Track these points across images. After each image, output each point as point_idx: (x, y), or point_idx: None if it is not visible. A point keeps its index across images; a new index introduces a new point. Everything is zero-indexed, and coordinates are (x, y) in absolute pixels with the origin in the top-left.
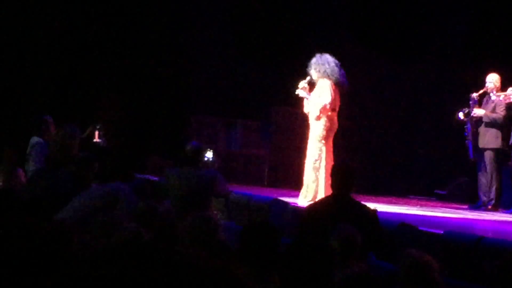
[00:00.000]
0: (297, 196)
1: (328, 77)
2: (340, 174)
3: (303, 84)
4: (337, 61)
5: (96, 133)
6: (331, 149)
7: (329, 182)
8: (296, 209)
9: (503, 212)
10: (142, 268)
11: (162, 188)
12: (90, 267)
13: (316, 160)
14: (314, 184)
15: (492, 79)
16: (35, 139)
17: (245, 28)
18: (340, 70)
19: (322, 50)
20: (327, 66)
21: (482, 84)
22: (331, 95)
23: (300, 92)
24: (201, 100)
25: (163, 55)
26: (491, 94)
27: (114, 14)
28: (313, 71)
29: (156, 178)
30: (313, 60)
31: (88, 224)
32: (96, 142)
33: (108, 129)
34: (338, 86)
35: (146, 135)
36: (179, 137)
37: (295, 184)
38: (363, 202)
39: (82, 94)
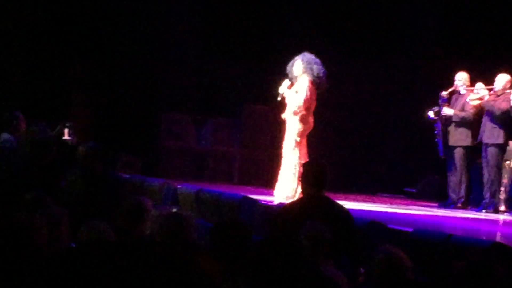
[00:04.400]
0: (267, 193)
1: (311, 73)
2: (312, 173)
3: (287, 83)
4: (318, 60)
5: (66, 130)
6: (306, 149)
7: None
8: (266, 207)
9: (473, 210)
10: (109, 266)
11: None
12: (56, 264)
13: (295, 165)
14: (293, 183)
15: (461, 78)
16: (5, 136)
17: (215, 25)
18: (321, 69)
19: (293, 48)
20: (309, 65)
21: (452, 82)
22: (309, 96)
23: (282, 89)
24: (171, 98)
25: (133, 53)
26: (460, 89)
27: (85, 12)
28: (295, 67)
29: (127, 176)
30: (297, 57)
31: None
32: (65, 139)
33: (78, 127)
34: (317, 84)
35: (116, 133)
36: (149, 134)
37: (265, 182)
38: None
39: (52, 92)
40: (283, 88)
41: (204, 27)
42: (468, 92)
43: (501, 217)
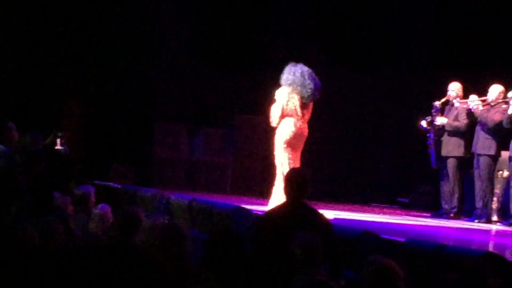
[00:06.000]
0: (260, 203)
1: (289, 85)
2: (294, 181)
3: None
4: (307, 73)
5: (58, 140)
6: (299, 159)
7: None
8: (259, 217)
9: (465, 220)
10: (102, 272)
11: None
12: (49, 270)
13: (286, 171)
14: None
15: (454, 88)
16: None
17: (209, 35)
18: (305, 80)
19: (286, 59)
20: (291, 75)
21: (445, 92)
22: (281, 104)
23: (276, 96)
24: (165, 107)
25: (126, 62)
26: (454, 101)
27: (78, 21)
28: (282, 78)
29: (119, 185)
30: (286, 67)
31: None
32: (58, 149)
33: (70, 136)
34: (300, 96)
35: (109, 142)
36: (142, 144)
37: (259, 192)
38: (319, 210)
39: (44, 101)
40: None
41: (197, 37)
42: (462, 105)
43: (494, 227)
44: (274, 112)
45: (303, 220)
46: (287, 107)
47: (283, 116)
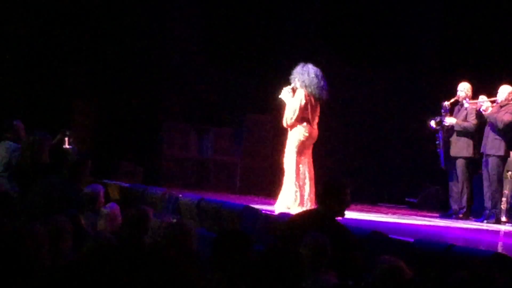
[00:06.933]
0: (268, 203)
1: (305, 87)
2: (329, 191)
3: (287, 90)
4: (319, 73)
5: (66, 139)
6: (311, 159)
7: (313, 193)
8: (268, 217)
9: (474, 221)
10: (113, 275)
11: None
12: (61, 274)
13: (294, 171)
14: (292, 193)
15: (464, 88)
16: (12, 145)
17: (218, 35)
18: (320, 81)
19: (295, 58)
20: (306, 76)
21: (454, 92)
22: (299, 106)
23: (282, 96)
24: (173, 107)
25: (135, 61)
26: (464, 102)
27: (87, 19)
28: (295, 80)
29: (127, 185)
30: (296, 69)
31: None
32: (66, 148)
33: (79, 135)
34: (314, 97)
35: (117, 141)
36: (151, 143)
37: (267, 191)
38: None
39: (53, 100)
40: (283, 95)
41: (206, 37)
42: (471, 105)
43: (503, 228)
44: (291, 114)
45: (326, 230)
46: (305, 110)
47: (299, 118)
